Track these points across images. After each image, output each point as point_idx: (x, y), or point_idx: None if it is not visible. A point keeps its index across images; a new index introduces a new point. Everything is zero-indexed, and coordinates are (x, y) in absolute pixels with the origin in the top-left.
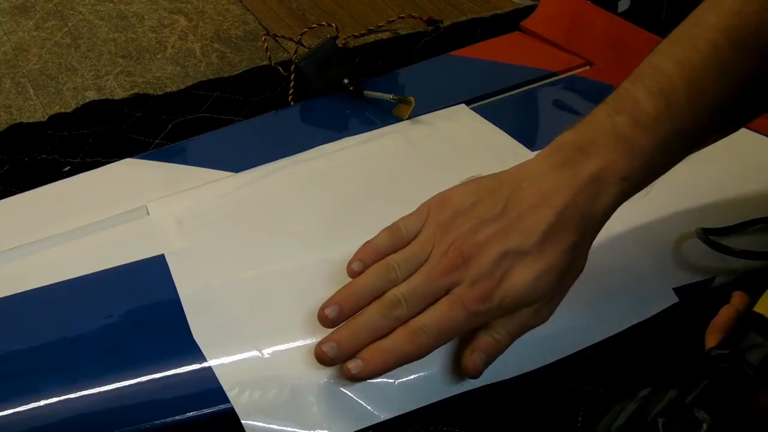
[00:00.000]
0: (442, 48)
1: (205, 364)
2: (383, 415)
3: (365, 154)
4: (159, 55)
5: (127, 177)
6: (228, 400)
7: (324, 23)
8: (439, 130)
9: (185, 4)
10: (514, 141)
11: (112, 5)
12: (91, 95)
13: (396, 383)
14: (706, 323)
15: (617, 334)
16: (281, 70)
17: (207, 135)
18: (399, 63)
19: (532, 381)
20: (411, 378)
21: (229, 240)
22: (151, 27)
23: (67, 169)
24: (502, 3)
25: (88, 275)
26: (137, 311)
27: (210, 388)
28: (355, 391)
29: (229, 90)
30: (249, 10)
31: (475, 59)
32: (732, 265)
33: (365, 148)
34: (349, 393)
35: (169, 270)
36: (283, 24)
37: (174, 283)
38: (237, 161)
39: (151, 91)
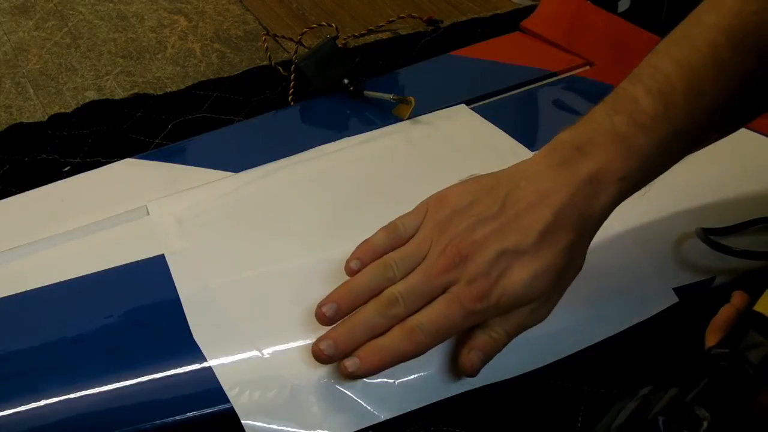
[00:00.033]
0: (442, 48)
1: (205, 364)
2: (383, 415)
3: (365, 154)
4: (159, 55)
5: (127, 177)
6: (228, 400)
7: (324, 23)
8: (439, 130)
9: (185, 4)
10: (514, 141)
11: (112, 5)
12: (91, 95)
13: (396, 383)
14: (706, 323)
15: (617, 334)
16: (281, 70)
17: (207, 135)
18: (399, 63)
19: (532, 381)
20: (411, 378)
21: (229, 240)
22: (151, 27)
23: (67, 169)
24: (502, 3)
25: (88, 275)
26: (137, 311)
27: (210, 388)
28: (355, 391)
29: (229, 90)
30: (249, 10)
31: (475, 59)
32: (732, 265)
33: (365, 148)
34: (349, 393)
35: (169, 270)
36: (283, 24)
37: (174, 283)
38: (237, 161)
39: (151, 91)
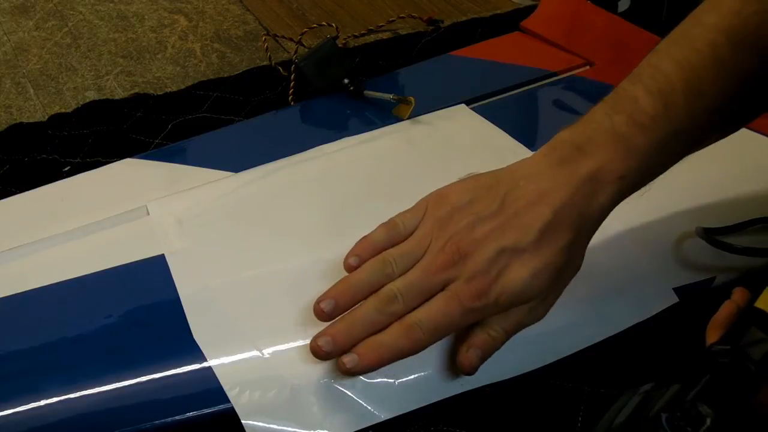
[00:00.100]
0: (442, 48)
1: (205, 364)
2: (383, 415)
3: (365, 154)
4: (159, 55)
5: (127, 177)
6: (228, 400)
7: (324, 23)
8: (439, 130)
9: (185, 4)
10: (514, 141)
11: (112, 5)
12: (91, 95)
13: (396, 383)
14: (707, 321)
15: (617, 334)
16: (281, 70)
17: (207, 135)
18: (399, 63)
19: (532, 381)
20: (411, 378)
21: (229, 240)
22: (151, 27)
23: (67, 169)
24: (502, 3)
25: (88, 275)
26: (137, 311)
27: (210, 388)
28: (355, 391)
29: (229, 90)
30: (249, 10)
31: (475, 59)
32: (732, 264)
33: (365, 148)
34: (349, 393)
35: (169, 270)
36: (283, 24)
37: (174, 283)
38: (237, 161)
39: (151, 91)
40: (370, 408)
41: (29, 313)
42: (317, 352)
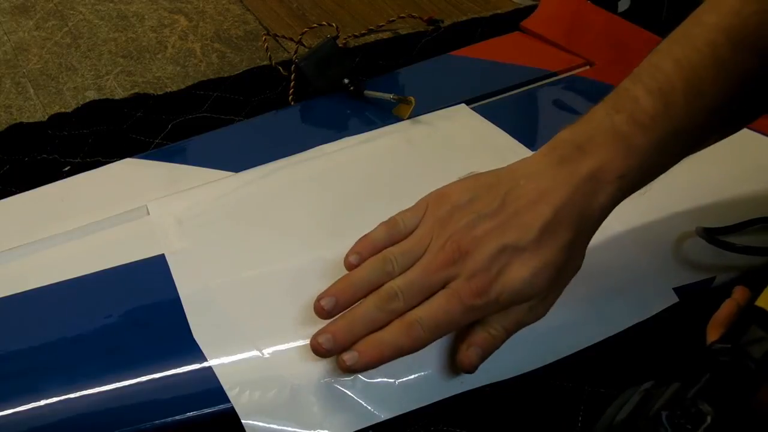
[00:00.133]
0: (442, 48)
1: (206, 364)
2: (383, 415)
3: (365, 154)
4: (159, 55)
5: (127, 177)
6: (228, 400)
7: (324, 23)
8: (439, 130)
9: (185, 4)
10: (515, 141)
11: (112, 5)
12: (92, 95)
13: (396, 383)
14: (707, 321)
15: (617, 334)
16: (281, 70)
17: (207, 135)
18: (399, 63)
19: (532, 381)
20: (411, 378)
21: (229, 240)
22: (152, 27)
23: (67, 169)
24: (502, 3)
25: (88, 275)
26: (137, 311)
27: (210, 387)
28: (355, 391)
29: (229, 90)
30: (249, 10)
31: (475, 59)
32: (732, 264)
33: (365, 148)
34: (349, 393)
35: (169, 270)
36: (283, 24)
37: (174, 283)
38: (237, 161)
39: (152, 91)
40: (370, 408)
41: (29, 313)
42: (317, 349)
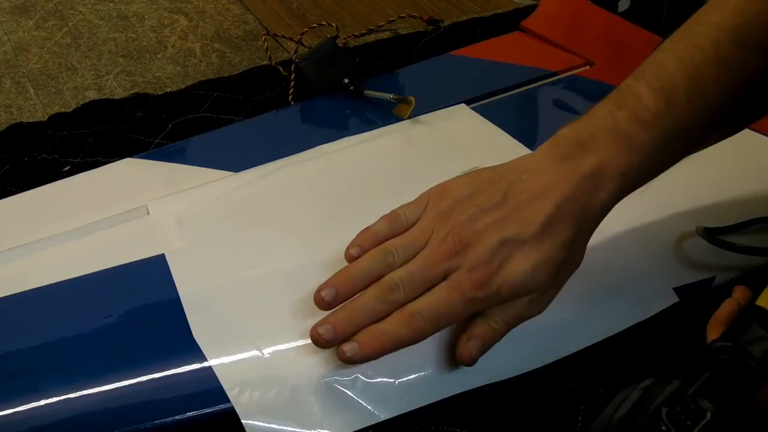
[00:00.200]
0: (442, 48)
1: (206, 364)
2: (383, 415)
3: (365, 153)
4: (159, 55)
5: (127, 177)
6: (228, 400)
7: (324, 23)
8: (439, 129)
9: (185, 4)
10: (515, 141)
11: (112, 5)
12: (92, 95)
13: (396, 383)
14: (707, 320)
15: (617, 334)
16: (281, 69)
17: (207, 135)
18: (399, 63)
19: (532, 381)
20: (411, 378)
21: (229, 240)
22: (152, 27)
23: (67, 169)
24: (502, 3)
25: (88, 275)
26: (137, 311)
27: (210, 387)
28: (355, 391)
29: (229, 90)
30: (249, 10)
31: (475, 59)
32: (732, 264)
33: (365, 148)
34: (349, 393)
35: (169, 270)
36: (283, 24)
37: (174, 283)
38: (237, 161)
39: (152, 91)
40: (370, 408)
41: (29, 313)
42: (317, 339)
